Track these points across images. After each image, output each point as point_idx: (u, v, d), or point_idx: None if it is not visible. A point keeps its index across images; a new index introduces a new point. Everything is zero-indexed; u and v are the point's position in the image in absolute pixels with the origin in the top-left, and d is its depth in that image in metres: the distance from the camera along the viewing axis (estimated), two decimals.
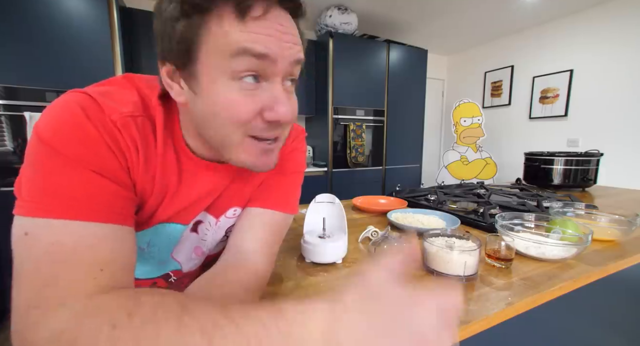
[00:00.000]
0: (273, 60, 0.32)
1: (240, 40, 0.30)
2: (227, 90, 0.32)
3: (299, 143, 0.54)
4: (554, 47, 2.80)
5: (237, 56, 0.31)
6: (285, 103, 0.34)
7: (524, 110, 3.07)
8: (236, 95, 0.32)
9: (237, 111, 0.33)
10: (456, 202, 1.00)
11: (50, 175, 0.29)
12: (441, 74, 3.96)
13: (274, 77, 0.34)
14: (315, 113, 2.79)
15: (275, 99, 0.34)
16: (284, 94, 0.34)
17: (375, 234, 0.71)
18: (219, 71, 0.32)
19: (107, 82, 0.37)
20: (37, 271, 0.26)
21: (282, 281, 0.51)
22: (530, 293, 0.47)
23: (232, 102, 0.32)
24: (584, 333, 0.74)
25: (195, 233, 0.49)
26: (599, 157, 1.36)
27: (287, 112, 0.34)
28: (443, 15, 2.72)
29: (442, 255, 0.52)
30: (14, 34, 1.46)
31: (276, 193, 0.50)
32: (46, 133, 0.29)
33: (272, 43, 0.31)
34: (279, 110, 0.34)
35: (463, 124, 2.94)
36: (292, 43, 0.33)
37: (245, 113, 0.33)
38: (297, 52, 0.34)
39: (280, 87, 0.34)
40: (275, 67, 0.33)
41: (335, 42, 2.48)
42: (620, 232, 0.70)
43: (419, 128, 3.11)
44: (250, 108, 0.33)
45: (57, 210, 0.28)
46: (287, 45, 0.33)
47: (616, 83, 2.41)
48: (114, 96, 0.34)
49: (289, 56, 0.33)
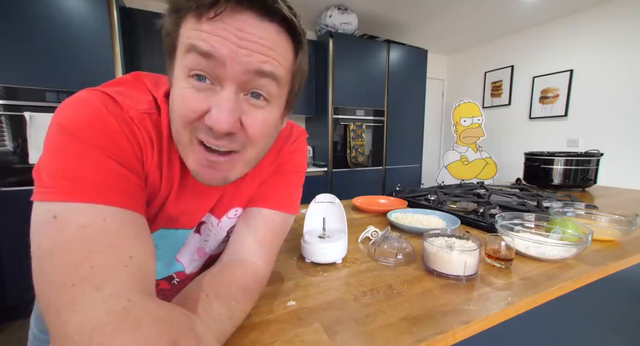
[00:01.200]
0: (220, 62, 0.31)
1: (191, 37, 0.31)
2: (180, 86, 0.33)
3: (299, 144, 0.54)
4: (554, 47, 2.80)
5: (187, 53, 0.32)
6: (223, 110, 0.32)
7: (524, 110, 3.07)
8: (186, 92, 0.33)
9: (184, 108, 0.33)
10: (456, 202, 1.00)
11: (74, 161, 0.29)
12: (441, 74, 3.96)
13: (227, 82, 0.32)
14: (315, 113, 2.79)
15: (217, 104, 0.32)
16: (228, 101, 0.32)
17: (375, 234, 0.71)
18: (180, 67, 0.33)
19: (119, 82, 0.38)
20: (70, 252, 0.26)
21: (282, 281, 0.51)
22: (530, 293, 0.47)
23: (181, 97, 0.33)
24: (584, 333, 0.74)
25: (198, 234, 0.49)
26: (599, 157, 1.35)
27: (221, 120, 0.32)
28: (443, 15, 2.72)
29: (442, 255, 0.52)
30: (14, 34, 1.46)
31: (276, 194, 0.50)
32: (69, 122, 0.30)
33: (220, 44, 0.30)
34: (214, 115, 0.32)
35: (463, 124, 2.94)
36: (252, 50, 0.31)
37: (190, 112, 0.33)
38: (258, 61, 0.32)
39: (230, 94, 0.32)
40: (224, 69, 0.31)
41: (335, 42, 2.48)
42: (620, 232, 0.70)
43: (419, 128, 3.11)
44: (195, 107, 0.32)
45: (84, 194, 0.29)
46: (243, 51, 0.31)
47: (616, 83, 2.40)
48: (128, 95, 0.35)
49: (244, 63, 0.31)
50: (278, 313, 0.42)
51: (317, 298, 0.46)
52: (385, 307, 0.43)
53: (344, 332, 0.38)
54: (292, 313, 0.42)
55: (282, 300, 0.45)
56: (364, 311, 0.42)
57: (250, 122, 0.35)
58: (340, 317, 0.41)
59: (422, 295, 0.46)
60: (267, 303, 0.44)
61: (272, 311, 0.42)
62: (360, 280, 0.51)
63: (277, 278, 0.52)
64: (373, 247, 0.63)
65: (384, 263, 0.58)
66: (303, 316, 0.41)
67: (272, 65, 0.33)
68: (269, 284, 0.49)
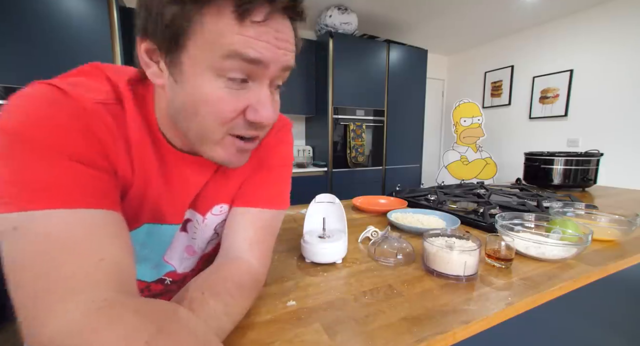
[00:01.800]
0: (265, 66, 0.32)
1: (235, 42, 0.30)
2: (213, 86, 0.32)
3: (284, 135, 0.52)
4: (554, 47, 2.80)
5: (229, 58, 0.30)
6: (269, 106, 0.35)
7: (524, 110, 3.07)
8: (222, 93, 0.32)
9: (221, 109, 0.33)
10: (456, 202, 1.00)
11: (24, 167, 0.27)
12: (441, 74, 3.96)
13: (263, 79, 0.34)
14: (315, 113, 2.79)
15: (260, 101, 0.34)
16: (269, 97, 0.35)
17: (375, 234, 0.71)
18: (206, 66, 0.31)
19: (75, 72, 0.36)
20: (37, 261, 0.25)
21: (282, 282, 0.51)
22: (530, 293, 0.47)
23: (217, 98, 0.32)
24: (584, 333, 0.74)
25: (185, 233, 0.48)
26: (599, 157, 1.35)
27: (270, 116, 0.35)
28: (443, 15, 2.72)
29: (442, 255, 0.52)
30: (14, 34, 1.47)
31: (263, 190, 0.48)
32: (11, 124, 0.27)
33: (267, 50, 0.31)
34: (263, 112, 0.34)
35: (463, 124, 2.94)
36: (286, 50, 0.33)
37: (229, 112, 0.33)
38: (290, 58, 0.35)
39: (267, 90, 0.35)
40: (267, 71, 0.33)
41: (335, 42, 2.48)
42: (620, 232, 0.70)
43: (419, 128, 3.11)
44: (234, 107, 0.33)
45: (41, 201, 0.26)
46: (281, 52, 0.33)
47: (616, 83, 2.41)
48: (83, 85, 0.33)
49: (281, 62, 0.33)
50: (278, 313, 0.42)
51: (317, 298, 0.46)
52: (385, 307, 0.43)
53: (344, 332, 0.38)
54: (292, 313, 0.42)
55: (282, 300, 0.45)
56: (364, 311, 0.42)
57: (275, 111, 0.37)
58: (340, 317, 0.41)
59: (422, 295, 0.46)
60: (267, 303, 0.44)
61: (272, 311, 0.42)
62: (360, 280, 0.51)
63: (277, 278, 0.52)
64: (373, 247, 0.63)
65: (384, 263, 0.58)
66: (303, 316, 0.41)
67: (293, 58, 0.36)
68: (269, 284, 0.49)
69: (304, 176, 2.51)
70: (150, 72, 0.34)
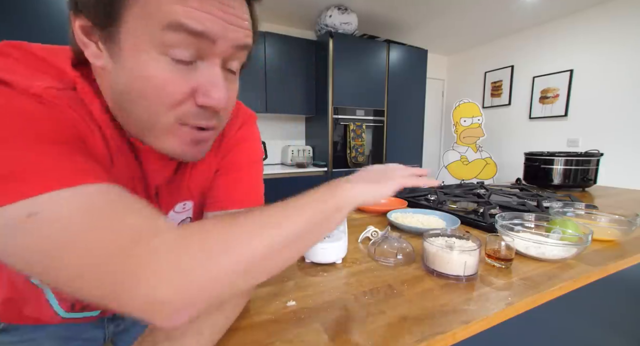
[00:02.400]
0: (212, 41, 0.29)
1: (176, 12, 0.27)
2: (156, 65, 0.28)
3: (247, 131, 0.49)
4: (554, 47, 2.80)
5: (170, 30, 0.27)
6: (221, 88, 0.31)
7: (524, 110, 3.07)
8: (167, 72, 0.29)
9: (167, 90, 0.29)
10: (456, 202, 1.00)
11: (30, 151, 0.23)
12: (441, 74, 3.96)
13: (212, 58, 0.30)
14: (315, 113, 2.79)
15: (211, 82, 0.30)
16: (221, 78, 0.31)
17: (375, 234, 0.71)
18: (147, 41, 0.28)
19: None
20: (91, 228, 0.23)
21: (282, 281, 0.51)
22: (530, 293, 0.47)
23: (162, 79, 0.29)
24: (584, 333, 0.74)
25: None
26: (599, 157, 1.35)
27: (222, 98, 0.31)
28: (443, 15, 2.72)
29: (442, 255, 0.52)
30: (14, 34, 1.46)
31: (236, 191, 0.46)
32: None
33: (212, 22, 0.28)
34: (214, 94, 0.30)
35: (463, 124, 2.94)
36: (237, 26, 0.30)
37: (176, 94, 0.30)
38: (244, 36, 0.31)
39: (219, 69, 0.31)
40: (214, 47, 0.30)
41: (335, 42, 2.48)
42: (620, 232, 0.70)
43: (419, 128, 3.11)
44: (181, 88, 0.30)
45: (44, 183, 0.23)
46: (231, 28, 0.30)
47: (616, 83, 2.41)
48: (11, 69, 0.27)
49: (233, 39, 0.30)
50: (278, 313, 0.42)
51: (317, 298, 0.46)
52: (385, 307, 0.43)
53: (344, 332, 0.38)
54: (292, 313, 0.42)
55: (282, 300, 0.45)
56: (364, 311, 0.42)
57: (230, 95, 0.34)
58: (340, 317, 0.41)
59: (422, 295, 0.46)
60: (267, 303, 0.44)
61: (272, 311, 0.42)
62: (360, 280, 0.51)
63: (277, 278, 0.52)
64: (373, 247, 0.63)
65: (384, 263, 0.58)
66: (303, 316, 0.41)
67: (250, 37, 0.33)
68: (269, 284, 0.49)
69: (304, 176, 2.51)
70: (89, 53, 0.30)
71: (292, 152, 2.73)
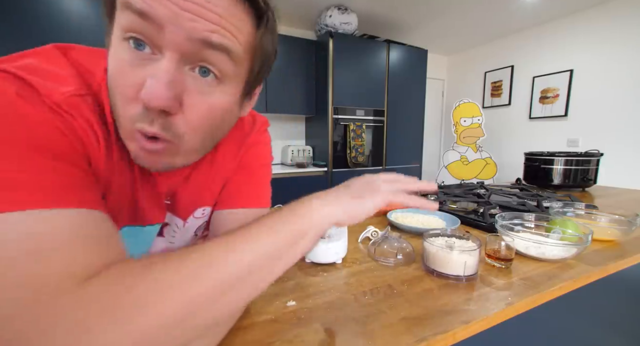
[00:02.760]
0: (159, 25, 0.26)
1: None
2: (118, 53, 0.27)
3: (260, 136, 0.50)
4: (554, 47, 2.80)
5: (122, 10, 0.26)
6: (159, 82, 0.26)
7: (524, 110, 3.07)
8: (123, 62, 0.27)
9: (120, 82, 0.27)
10: (456, 202, 1.00)
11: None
12: (441, 74, 3.96)
13: (167, 50, 0.27)
14: (315, 113, 2.79)
15: (152, 73, 0.27)
16: (165, 72, 0.27)
17: (375, 234, 0.71)
18: (116, 28, 0.27)
19: (31, 54, 0.29)
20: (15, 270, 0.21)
21: (282, 281, 0.51)
22: (530, 293, 0.47)
23: (118, 68, 0.27)
24: (584, 333, 0.74)
25: (161, 237, 0.47)
26: (599, 157, 1.35)
27: (154, 93, 0.26)
28: (443, 15, 2.72)
29: (442, 255, 0.52)
30: (14, 34, 1.47)
31: (245, 191, 0.47)
32: None
33: (158, 2, 0.25)
34: (147, 86, 0.26)
35: (463, 124, 2.94)
36: (197, 15, 0.26)
37: (126, 87, 0.27)
38: (205, 29, 0.27)
39: (169, 63, 0.27)
40: (163, 35, 0.26)
41: (335, 42, 2.48)
42: (620, 232, 0.70)
43: (419, 128, 3.11)
44: (130, 79, 0.27)
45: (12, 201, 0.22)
46: (186, 15, 0.26)
47: (616, 83, 2.41)
48: (44, 72, 0.28)
49: (188, 29, 0.26)
50: (278, 313, 0.42)
51: (317, 298, 0.46)
52: (385, 307, 0.43)
53: (344, 332, 0.38)
54: (292, 313, 0.42)
55: (282, 300, 0.45)
56: (364, 311, 0.42)
57: (193, 103, 0.29)
58: (340, 317, 0.41)
59: (422, 295, 0.46)
60: (267, 303, 0.44)
61: (272, 311, 0.42)
62: (360, 280, 0.51)
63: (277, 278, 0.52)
64: (373, 247, 0.63)
65: (384, 263, 0.58)
66: (303, 316, 0.41)
67: (224, 37, 0.28)
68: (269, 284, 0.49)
69: (304, 176, 2.51)
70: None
71: (292, 152, 2.73)
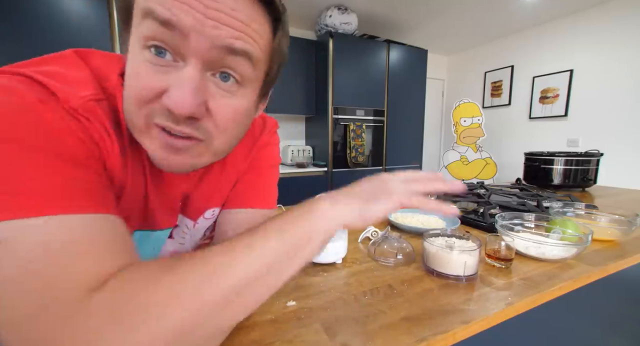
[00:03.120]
0: (183, 34, 0.27)
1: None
2: (137, 58, 0.28)
3: (270, 137, 0.51)
4: (554, 47, 2.80)
5: (143, 19, 0.27)
6: (184, 89, 0.27)
7: (524, 110, 3.07)
8: (142, 66, 0.28)
9: (137, 84, 0.28)
10: (456, 202, 1.00)
11: (5, 169, 0.23)
12: (441, 74, 3.96)
13: (190, 57, 0.28)
14: (315, 113, 2.79)
15: (177, 82, 0.27)
16: (190, 80, 0.28)
17: (375, 234, 0.71)
18: (135, 37, 0.28)
19: (51, 59, 0.30)
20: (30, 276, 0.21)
21: None
22: (530, 293, 0.47)
23: (136, 73, 0.28)
24: (584, 333, 0.74)
25: (171, 239, 0.47)
26: (599, 157, 1.35)
27: (181, 102, 0.27)
28: (443, 15, 2.72)
29: (442, 255, 0.52)
30: (14, 34, 1.47)
31: (253, 191, 0.48)
32: None
33: (184, 13, 0.26)
34: (174, 96, 0.27)
35: (463, 124, 2.94)
36: (220, 22, 0.27)
37: (144, 90, 0.28)
38: (229, 36, 0.27)
39: (194, 71, 0.28)
40: (187, 44, 0.27)
41: (335, 42, 2.48)
42: (620, 232, 0.70)
43: (419, 128, 3.11)
44: (151, 84, 0.28)
45: (33, 207, 0.22)
46: (210, 22, 0.27)
47: (616, 83, 2.41)
48: (63, 77, 0.28)
49: (212, 36, 0.27)
50: (278, 313, 0.42)
51: (317, 298, 0.46)
52: (385, 307, 0.43)
53: (344, 332, 0.38)
54: (292, 313, 0.42)
55: (282, 300, 0.45)
56: (364, 311, 0.42)
57: (218, 107, 0.30)
58: (340, 317, 0.41)
59: (422, 295, 0.46)
60: (267, 303, 0.44)
61: (272, 311, 0.42)
62: (360, 280, 0.51)
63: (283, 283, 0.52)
64: (373, 247, 0.63)
65: (384, 263, 0.58)
66: (303, 316, 0.41)
67: (246, 42, 0.29)
68: None
69: (304, 176, 2.51)
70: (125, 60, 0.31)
71: (292, 152, 2.73)
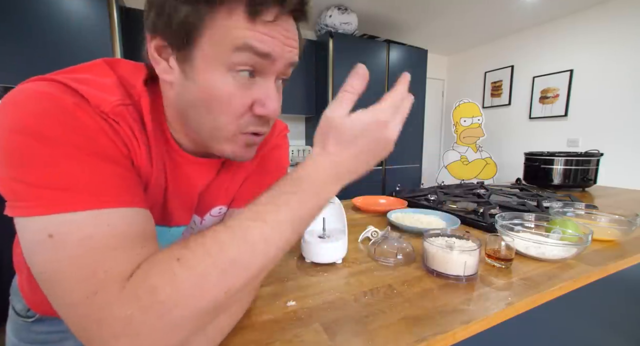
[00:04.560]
0: (273, 60, 0.34)
1: (247, 36, 0.31)
2: (224, 81, 0.33)
3: (281, 140, 0.54)
4: (554, 47, 2.80)
5: (239, 51, 0.32)
6: (275, 100, 0.36)
7: (524, 110, 3.07)
8: (232, 87, 0.33)
9: (233, 103, 0.34)
10: (456, 202, 1.00)
11: (51, 166, 0.25)
12: (441, 74, 3.96)
13: (269, 74, 0.35)
14: (315, 113, 2.78)
15: (267, 95, 0.35)
16: (275, 91, 0.36)
17: (375, 234, 0.71)
18: (218, 61, 0.32)
19: (82, 68, 0.34)
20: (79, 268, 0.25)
21: (282, 281, 0.51)
22: (530, 293, 0.47)
23: (228, 93, 0.33)
24: (584, 333, 0.74)
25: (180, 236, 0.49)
26: (599, 157, 1.35)
27: (276, 109, 0.36)
28: (443, 15, 2.72)
29: (442, 255, 0.52)
30: (14, 34, 1.46)
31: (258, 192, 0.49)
32: (30, 121, 0.25)
33: (275, 44, 0.33)
34: (270, 106, 0.35)
35: (463, 124, 2.94)
36: (292, 47, 0.35)
37: (239, 106, 0.34)
38: (294, 55, 0.36)
39: (273, 84, 0.36)
40: (273, 66, 0.34)
41: (335, 42, 2.48)
42: (620, 232, 0.70)
43: (419, 128, 3.11)
44: (243, 101, 0.34)
45: (78, 202, 0.25)
46: (287, 49, 0.34)
47: (616, 83, 2.40)
48: (94, 83, 0.31)
49: (288, 58, 0.35)
50: (278, 313, 0.42)
51: (317, 298, 0.46)
52: (385, 307, 0.43)
53: (344, 332, 0.38)
54: (292, 313, 0.42)
55: (282, 300, 0.45)
56: (364, 311, 0.42)
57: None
58: (340, 317, 0.41)
59: (422, 295, 0.46)
60: (267, 303, 0.44)
61: (272, 311, 0.42)
62: (360, 280, 0.51)
63: (277, 278, 0.52)
64: (373, 247, 0.63)
65: (384, 263, 0.58)
66: (303, 316, 0.41)
67: (297, 55, 0.37)
68: (269, 284, 0.49)
69: None
70: (160, 69, 0.34)
71: (292, 152, 2.73)
